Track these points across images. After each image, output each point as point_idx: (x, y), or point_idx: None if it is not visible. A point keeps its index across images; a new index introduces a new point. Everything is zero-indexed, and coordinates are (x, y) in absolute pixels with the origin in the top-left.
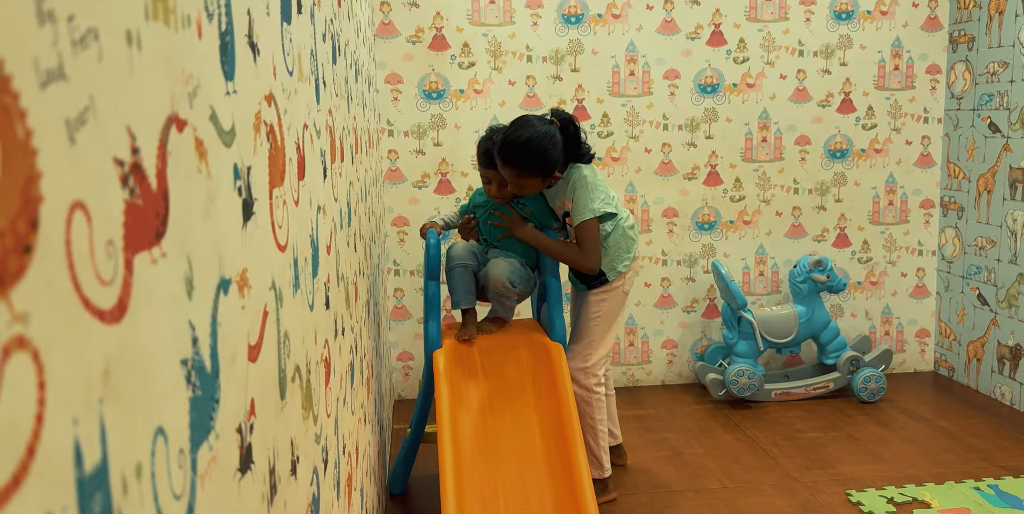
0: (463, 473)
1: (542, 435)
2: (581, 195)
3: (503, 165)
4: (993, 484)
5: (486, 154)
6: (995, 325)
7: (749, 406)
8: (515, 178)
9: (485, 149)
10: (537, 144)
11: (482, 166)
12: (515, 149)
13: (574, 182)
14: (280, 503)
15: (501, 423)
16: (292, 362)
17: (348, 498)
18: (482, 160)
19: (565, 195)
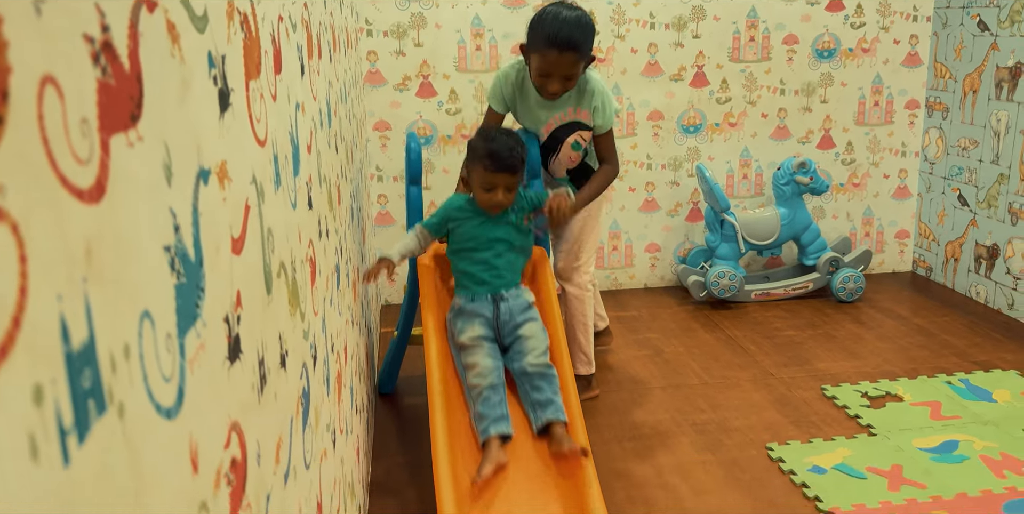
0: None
1: None
2: (608, 102)
3: (564, 51)
4: (964, 378)
5: (492, 156)
6: (974, 225)
7: (729, 307)
8: (572, 67)
9: (489, 150)
10: (588, 21)
11: (487, 170)
12: (576, 27)
13: (598, 90)
14: (270, 394)
15: None
16: (277, 258)
17: (338, 394)
18: (486, 163)
19: (581, 106)
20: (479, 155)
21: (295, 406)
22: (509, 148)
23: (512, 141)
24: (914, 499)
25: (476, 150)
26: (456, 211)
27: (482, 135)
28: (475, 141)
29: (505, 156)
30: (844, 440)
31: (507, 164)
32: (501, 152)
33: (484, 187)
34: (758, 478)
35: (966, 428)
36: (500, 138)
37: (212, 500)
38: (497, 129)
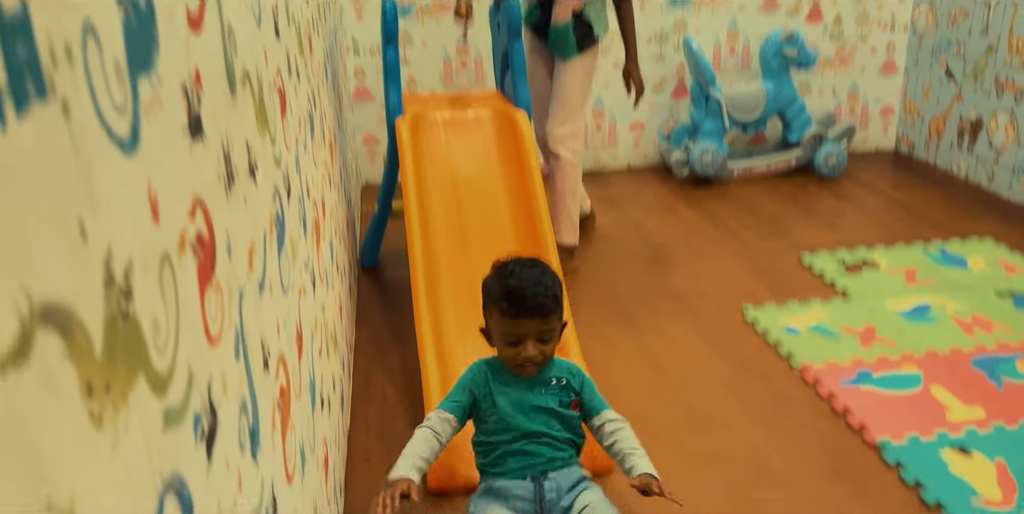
0: (431, 244)
1: (509, 204)
2: None
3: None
4: (940, 246)
5: (510, 296)
6: (959, 100)
7: (712, 184)
8: None
9: (507, 289)
10: None
11: (506, 316)
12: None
13: None
14: (239, 195)
15: (467, 194)
16: (240, 62)
17: (316, 242)
18: (503, 306)
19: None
20: (493, 296)
21: (269, 224)
22: (535, 282)
23: (538, 273)
24: (885, 356)
25: (490, 290)
26: (480, 377)
27: (497, 269)
28: (489, 279)
29: (529, 294)
30: (819, 303)
31: (533, 305)
32: (524, 289)
33: (507, 340)
34: (732, 338)
35: (939, 292)
36: (521, 271)
37: (176, 259)
38: (517, 260)
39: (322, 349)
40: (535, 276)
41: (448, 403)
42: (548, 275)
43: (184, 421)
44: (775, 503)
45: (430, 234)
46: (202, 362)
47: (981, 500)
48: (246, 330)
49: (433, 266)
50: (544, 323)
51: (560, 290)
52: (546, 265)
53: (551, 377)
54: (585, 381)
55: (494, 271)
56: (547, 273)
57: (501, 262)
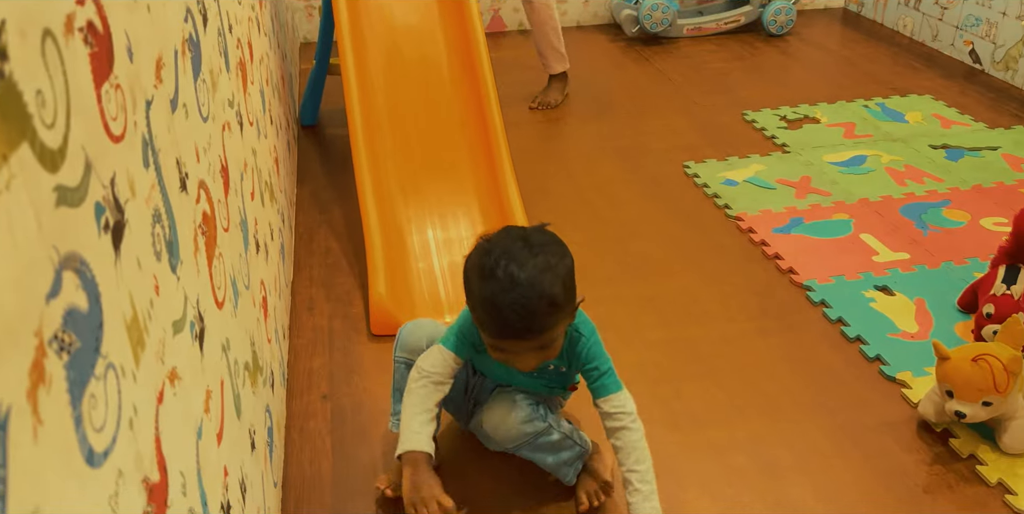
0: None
1: (448, 55)
2: None
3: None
4: (880, 102)
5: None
6: None
7: (661, 42)
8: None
9: (491, 302)
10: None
11: (491, 334)
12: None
13: None
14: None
15: (406, 46)
16: None
17: (243, 84)
18: (485, 322)
19: None
20: (472, 300)
21: (180, 43)
22: (529, 294)
23: (535, 272)
24: (818, 204)
25: (470, 286)
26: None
27: (480, 258)
28: (469, 268)
29: (518, 315)
30: (758, 157)
31: (523, 329)
32: (512, 307)
33: (495, 350)
34: (673, 191)
35: (876, 145)
36: (510, 269)
37: (62, 39)
38: (506, 245)
39: (254, 193)
40: (530, 280)
41: (450, 339)
42: (548, 271)
43: (82, 205)
44: (705, 340)
45: (368, 89)
46: (102, 154)
47: (899, 334)
48: (156, 142)
49: (372, 121)
50: (538, 341)
51: (567, 282)
52: (548, 245)
53: (548, 364)
54: (588, 362)
55: (476, 259)
56: (547, 267)
57: (486, 246)
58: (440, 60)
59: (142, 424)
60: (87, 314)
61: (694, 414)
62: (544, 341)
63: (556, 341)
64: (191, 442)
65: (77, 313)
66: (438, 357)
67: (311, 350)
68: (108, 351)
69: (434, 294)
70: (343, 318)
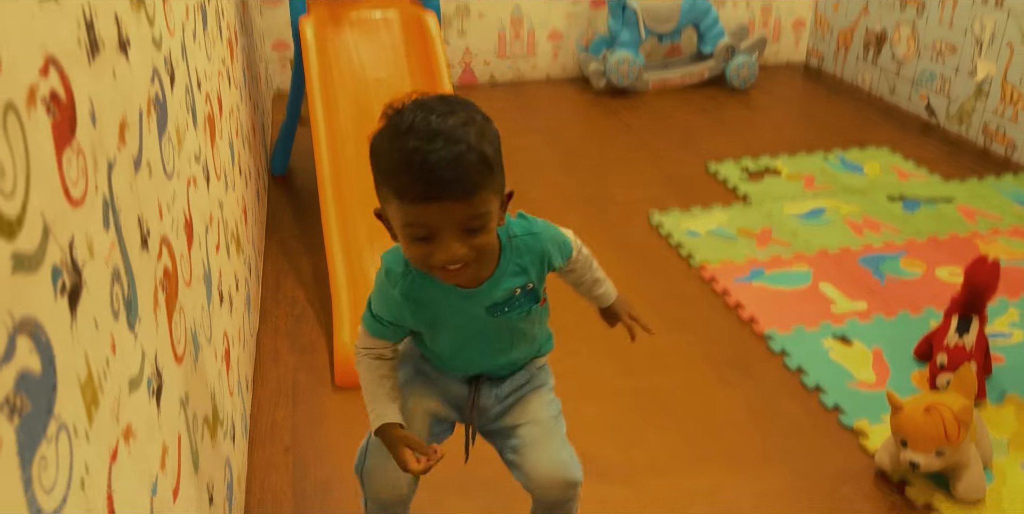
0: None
1: None
2: None
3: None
4: (840, 154)
5: (409, 168)
6: (865, 13)
7: (628, 95)
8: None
9: (405, 154)
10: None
11: (407, 200)
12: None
13: None
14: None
15: (376, 97)
16: None
17: (210, 138)
18: (402, 184)
19: None
20: (383, 168)
21: (146, 104)
22: (451, 140)
23: (456, 122)
24: (778, 255)
25: (379, 157)
26: (402, 286)
27: (390, 121)
28: (377, 139)
29: (441, 162)
30: (721, 208)
31: (448, 180)
32: (432, 154)
33: (411, 234)
34: (638, 241)
35: (835, 196)
36: (427, 121)
37: (24, 111)
38: (420, 103)
39: (220, 245)
40: (451, 129)
41: (372, 322)
42: (472, 125)
43: (39, 270)
44: (668, 388)
45: (336, 139)
46: (61, 218)
47: (856, 383)
48: (117, 202)
49: (341, 172)
50: (469, 206)
51: (494, 144)
52: (468, 105)
53: (508, 286)
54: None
55: (386, 125)
56: (471, 121)
57: (395, 108)
58: None
59: (94, 483)
60: (40, 377)
61: (656, 463)
62: (475, 211)
63: (487, 223)
64: (145, 499)
65: (30, 376)
66: (367, 339)
67: (275, 401)
68: (61, 411)
69: None
70: (308, 369)
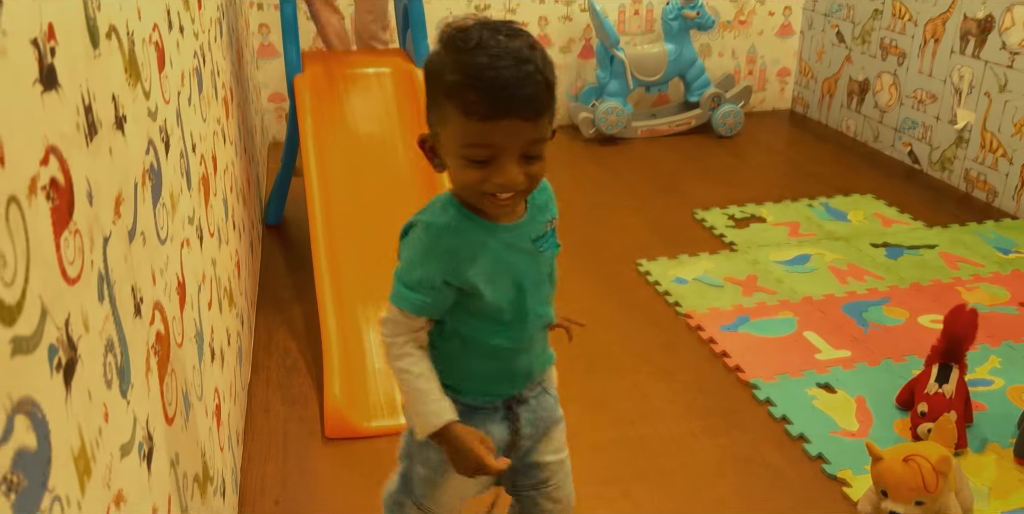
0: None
1: (409, 160)
2: None
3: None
4: (824, 201)
5: (481, 82)
6: (848, 62)
7: (617, 143)
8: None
9: (476, 68)
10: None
11: (476, 117)
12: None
13: None
14: (103, 146)
15: (368, 151)
16: (105, 18)
17: (205, 197)
18: (471, 100)
19: None
20: (450, 84)
21: (141, 176)
22: (520, 58)
23: (523, 44)
24: (764, 302)
25: (442, 73)
26: (449, 237)
27: (452, 39)
28: (438, 57)
29: (513, 78)
30: (707, 256)
31: (520, 97)
32: (504, 69)
33: (472, 157)
34: (625, 288)
35: (819, 243)
36: (494, 40)
37: (25, 201)
38: (483, 24)
39: (212, 303)
40: (519, 49)
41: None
42: (537, 48)
43: (36, 351)
44: (654, 439)
45: (329, 192)
46: (58, 300)
47: (840, 431)
48: (112, 275)
49: (332, 225)
50: (534, 128)
51: (553, 72)
52: (528, 33)
53: (546, 217)
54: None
55: (448, 43)
56: (535, 45)
57: (458, 28)
58: (400, 164)
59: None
60: (35, 453)
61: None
62: (538, 134)
63: (543, 150)
64: None
65: (26, 453)
66: (402, 324)
67: (265, 454)
68: (55, 485)
69: (389, 394)
70: (298, 421)
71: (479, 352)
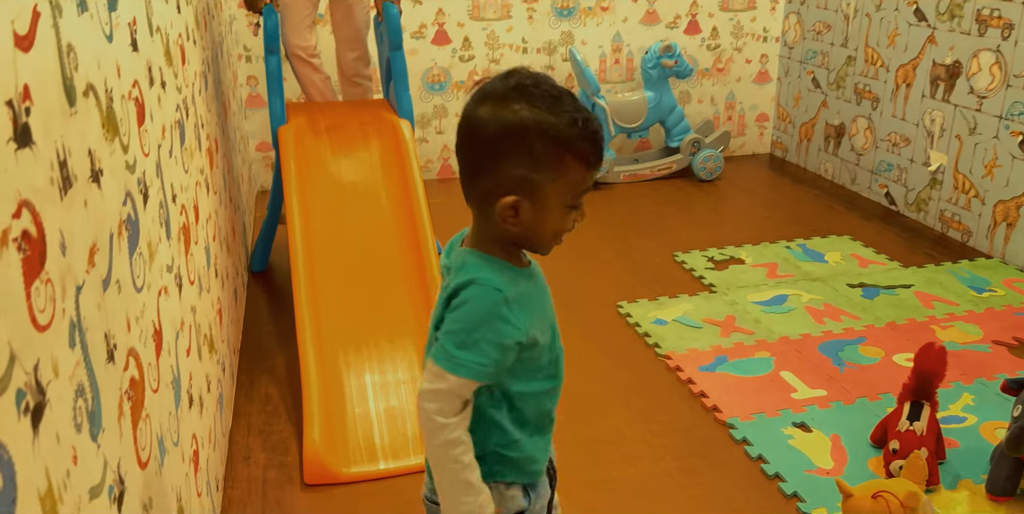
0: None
1: (392, 210)
2: None
3: None
4: (802, 243)
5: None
6: (824, 107)
7: (600, 187)
8: None
9: (590, 126)
10: None
11: (591, 165)
12: None
13: None
14: (78, 199)
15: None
16: (82, 77)
17: (185, 246)
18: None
19: None
20: (567, 138)
21: (117, 226)
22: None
23: None
24: (741, 342)
25: (558, 131)
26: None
27: (544, 92)
28: (535, 114)
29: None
30: (687, 297)
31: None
32: (593, 120)
33: (574, 203)
34: (606, 330)
35: (796, 284)
36: (573, 100)
37: None
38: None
39: (191, 349)
40: None
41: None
42: None
43: (4, 395)
44: (634, 480)
45: (312, 240)
46: (27, 345)
47: (815, 470)
48: (84, 323)
49: (315, 271)
50: None
51: None
52: None
53: None
54: None
55: (533, 99)
56: None
57: (534, 84)
58: (382, 212)
59: None
60: (1, 492)
61: None
62: None
63: None
64: None
65: None
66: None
67: (245, 501)
68: None
69: (368, 440)
70: (278, 467)
71: (531, 411)
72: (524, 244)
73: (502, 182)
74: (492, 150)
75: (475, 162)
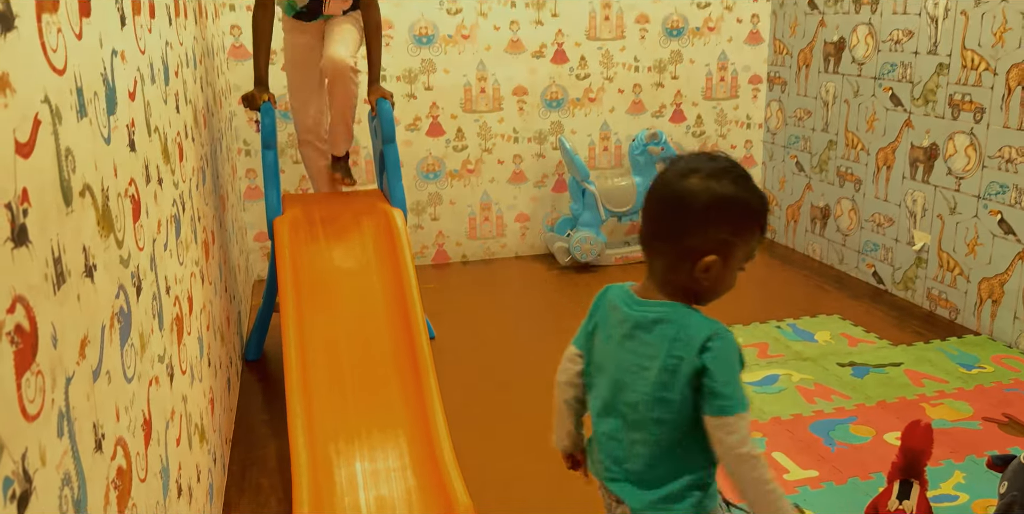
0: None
1: (384, 298)
2: None
3: None
4: (792, 323)
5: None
6: (809, 189)
7: (592, 270)
8: None
9: (765, 199)
10: None
11: (764, 231)
12: None
13: None
14: (71, 294)
15: (345, 290)
16: (79, 178)
17: (178, 337)
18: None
19: None
20: (756, 210)
21: (109, 319)
22: None
23: None
24: None
25: (753, 205)
26: None
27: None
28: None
29: None
30: None
31: None
32: None
33: (744, 266)
34: None
35: (787, 364)
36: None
37: None
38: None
39: (181, 439)
40: None
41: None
42: None
43: None
44: None
45: (304, 329)
46: (16, 434)
47: None
48: (73, 413)
49: (308, 360)
50: None
51: None
52: None
53: None
54: None
55: (731, 176)
56: None
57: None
58: (375, 299)
59: None
60: None
61: None
62: None
63: None
64: None
65: None
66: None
67: None
68: None
69: None
70: None
71: None
72: (702, 295)
73: (707, 243)
74: (702, 216)
75: (680, 224)
